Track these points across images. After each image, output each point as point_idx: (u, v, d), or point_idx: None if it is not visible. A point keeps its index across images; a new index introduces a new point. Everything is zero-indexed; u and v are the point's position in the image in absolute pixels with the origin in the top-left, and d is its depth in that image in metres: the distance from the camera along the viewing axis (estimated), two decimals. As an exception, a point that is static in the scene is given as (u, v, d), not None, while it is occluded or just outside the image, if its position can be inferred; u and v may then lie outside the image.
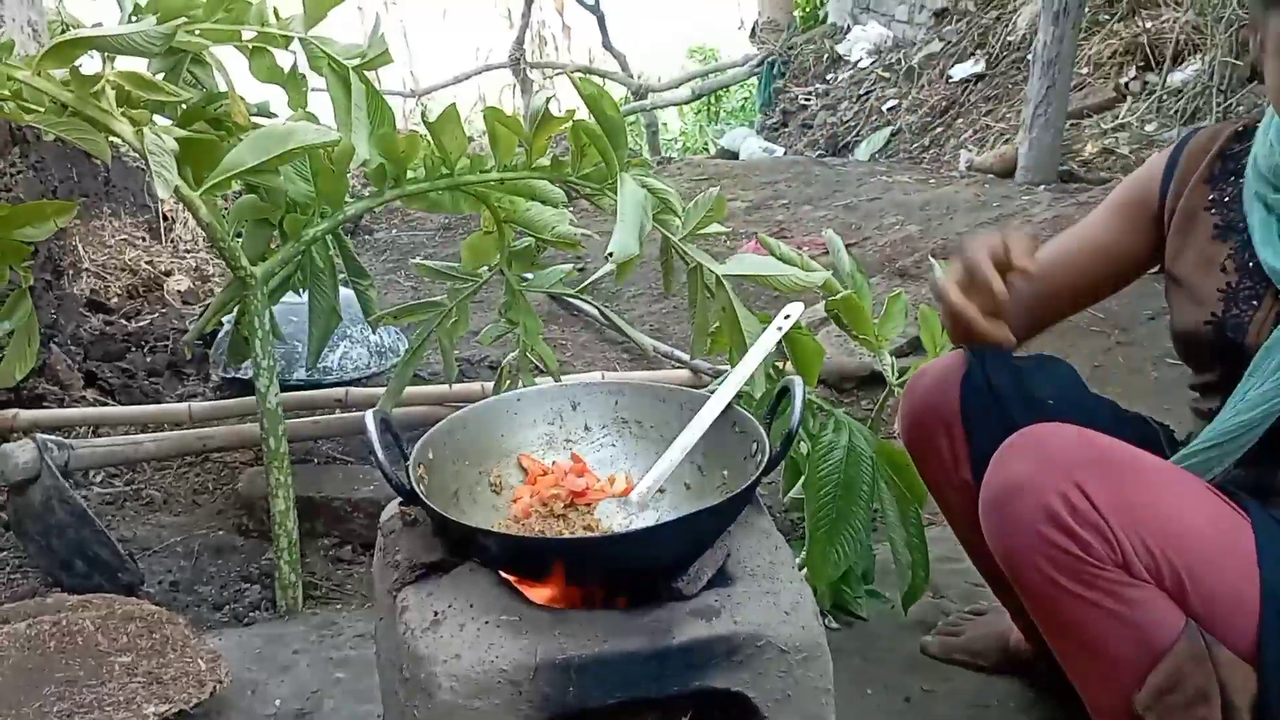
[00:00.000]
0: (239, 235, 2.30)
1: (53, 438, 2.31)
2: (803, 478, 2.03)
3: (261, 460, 2.28)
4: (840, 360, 3.31)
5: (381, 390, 2.71)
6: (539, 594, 1.34)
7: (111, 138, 1.93)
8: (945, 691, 1.83)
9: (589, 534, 1.34)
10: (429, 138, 2.13)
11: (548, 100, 2.08)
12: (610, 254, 1.77)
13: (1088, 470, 1.26)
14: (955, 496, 1.65)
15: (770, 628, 1.30)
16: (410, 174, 2.19)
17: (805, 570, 1.87)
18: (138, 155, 4.25)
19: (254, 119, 2.20)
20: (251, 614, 2.25)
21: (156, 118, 2.05)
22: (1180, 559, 1.25)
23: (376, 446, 1.33)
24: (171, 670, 1.72)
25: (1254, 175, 1.41)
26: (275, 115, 2.33)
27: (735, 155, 7.43)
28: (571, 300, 3.92)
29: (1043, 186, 4.66)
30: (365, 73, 2.04)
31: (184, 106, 2.13)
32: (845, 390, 3.32)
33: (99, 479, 2.76)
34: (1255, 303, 1.39)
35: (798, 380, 1.40)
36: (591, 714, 1.34)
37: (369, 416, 1.36)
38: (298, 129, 2.00)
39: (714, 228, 2.16)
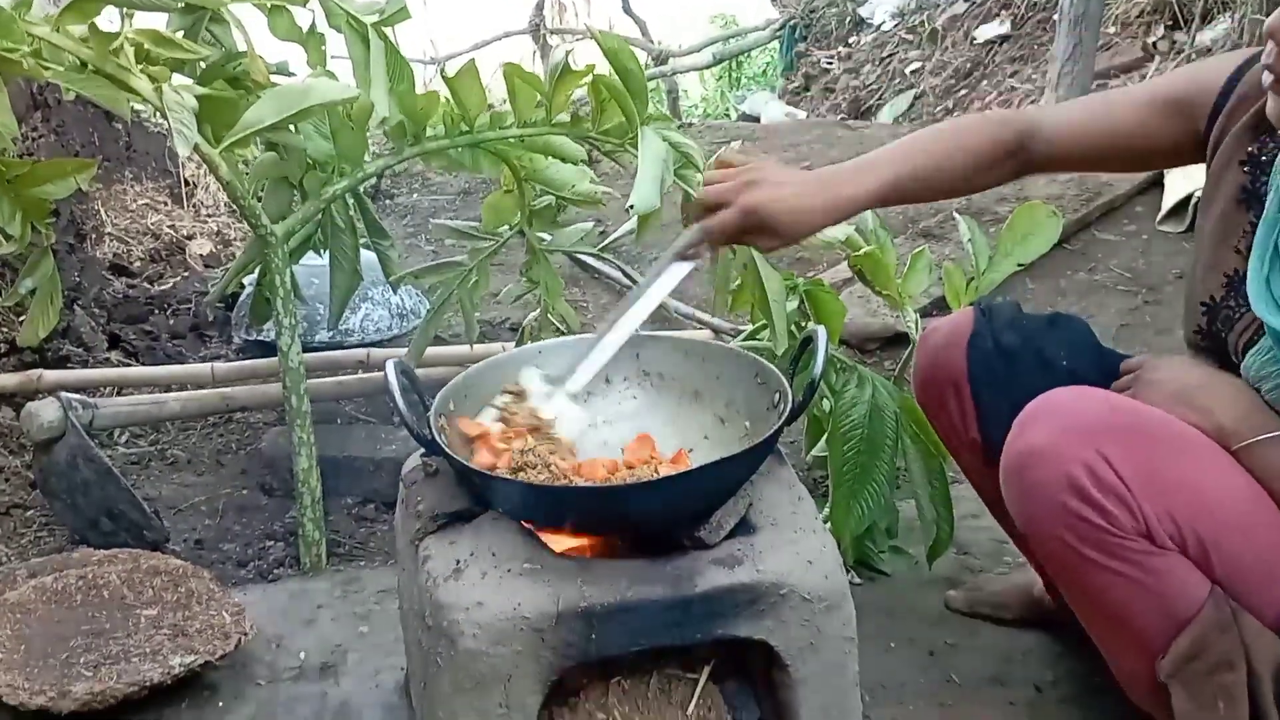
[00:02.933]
0: (259, 194, 2.30)
1: (77, 396, 2.32)
2: (825, 435, 2.02)
3: (284, 420, 2.28)
4: (864, 321, 3.29)
5: (403, 351, 2.71)
6: (561, 543, 1.34)
7: (132, 99, 1.93)
8: (969, 645, 1.82)
9: (611, 482, 1.33)
10: (448, 96, 2.12)
11: (568, 54, 2.06)
12: (631, 206, 1.76)
13: (1111, 437, 1.24)
14: (966, 454, 1.64)
15: (793, 576, 1.30)
16: (430, 132, 2.18)
17: (829, 525, 1.87)
18: (158, 120, 4.25)
19: (273, 78, 2.19)
20: (276, 571, 2.26)
21: (175, 76, 2.04)
22: (1206, 528, 1.23)
23: (398, 396, 1.32)
24: (197, 623, 1.74)
25: None
26: (294, 75, 2.32)
27: (757, 120, 7.36)
28: (593, 263, 3.91)
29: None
30: (384, 30, 2.03)
31: (203, 65, 2.12)
32: (869, 351, 3.30)
33: (124, 439, 2.77)
34: (1248, 306, 1.30)
35: (821, 330, 1.39)
36: (614, 663, 1.36)
37: (390, 366, 1.36)
38: (316, 85, 1.99)
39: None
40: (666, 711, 1.33)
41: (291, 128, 2.12)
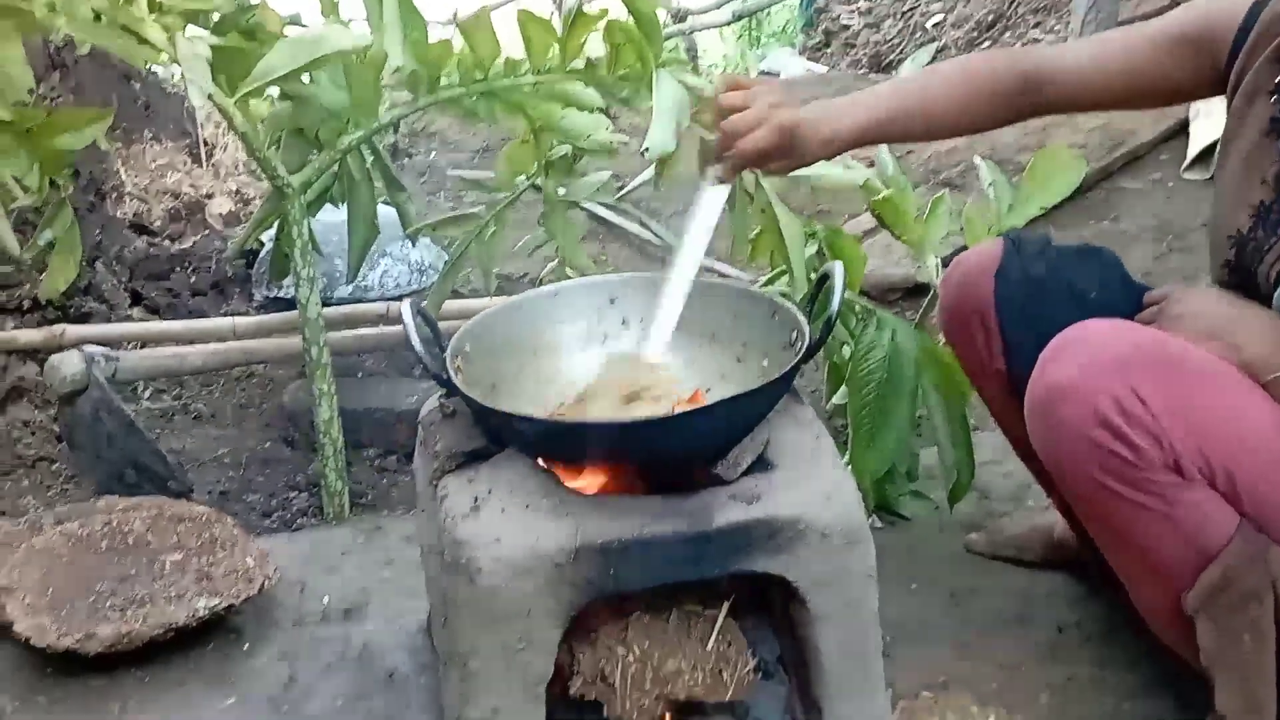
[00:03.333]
0: (276, 146, 2.29)
1: (99, 349, 2.34)
2: (845, 380, 2.01)
3: (305, 374, 2.29)
4: (884, 271, 3.27)
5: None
6: (578, 482, 1.34)
7: (146, 52, 1.92)
8: (990, 587, 1.82)
9: (626, 418, 1.33)
10: (463, 45, 2.10)
11: (581, 2, 2.04)
12: (646, 149, 1.75)
13: (1140, 370, 1.22)
14: (990, 387, 1.63)
15: (811, 512, 1.29)
16: (444, 81, 2.17)
17: (849, 468, 1.86)
18: (176, 81, 4.24)
19: (286, 29, 2.18)
20: (299, 521, 2.28)
21: (190, 28, 2.03)
22: (1235, 461, 1.22)
23: (413, 336, 1.33)
24: (221, 567, 1.75)
25: None
26: (307, 26, 2.31)
27: (777, 76, 7.30)
28: (612, 217, 3.90)
29: (1092, 96, 4.54)
30: (397, -22, 2.01)
31: (216, 16, 2.12)
32: (890, 301, 3.27)
33: (147, 394, 2.80)
34: (1278, 235, 1.29)
35: (838, 265, 1.37)
36: (633, 599, 1.36)
37: (406, 306, 1.35)
38: (330, 34, 1.99)
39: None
40: (686, 647, 1.33)
41: (305, 78, 2.12)
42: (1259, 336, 1.29)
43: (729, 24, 10.17)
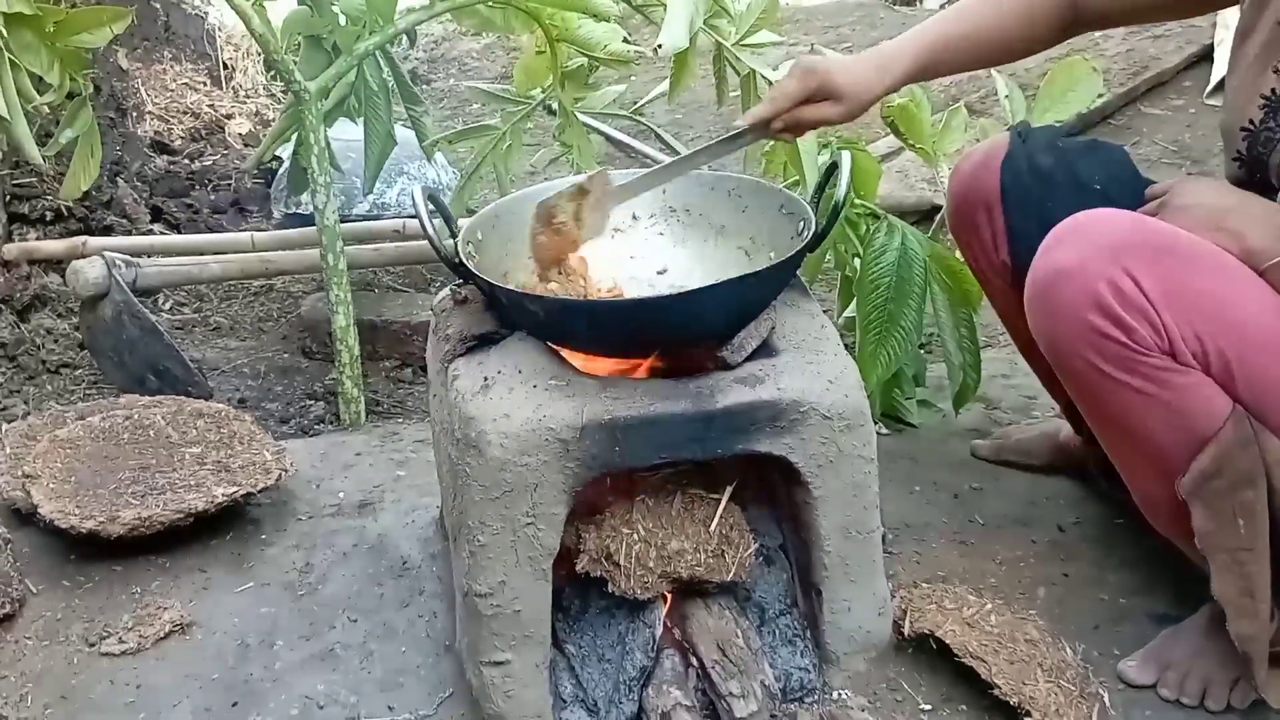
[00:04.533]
0: (295, 52, 2.31)
1: (121, 255, 2.37)
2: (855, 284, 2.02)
3: (323, 288, 2.32)
4: (899, 195, 3.26)
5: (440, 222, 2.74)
6: (587, 364, 1.36)
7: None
8: (994, 490, 1.84)
9: (634, 297, 1.35)
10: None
11: (598, -95, 2.03)
12: (660, 46, 1.75)
13: (1138, 255, 1.23)
14: (995, 279, 1.64)
15: (813, 395, 1.32)
16: (461, -13, 2.17)
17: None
18: (196, 2, 4.24)
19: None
20: (316, 427, 2.32)
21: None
22: (1230, 346, 1.23)
23: (425, 219, 1.34)
24: (239, 460, 1.79)
25: None
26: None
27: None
28: (629, 142, 3.89)
29: (1118, 21, 4.48)
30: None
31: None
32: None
33: (167, 306, 2.84)
34: None
35: (845, 155, 1.38)
36: (639, 483, 1.39)
37: (417, 191, 1.37)
38: (347, -65, 1.99)
39: (766, 35, 2.12)
40: (689, 528, 1.36)
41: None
42: (1259, 225, 1.29)
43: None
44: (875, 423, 2.03)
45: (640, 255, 1.58)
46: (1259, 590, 1.27)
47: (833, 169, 1.42)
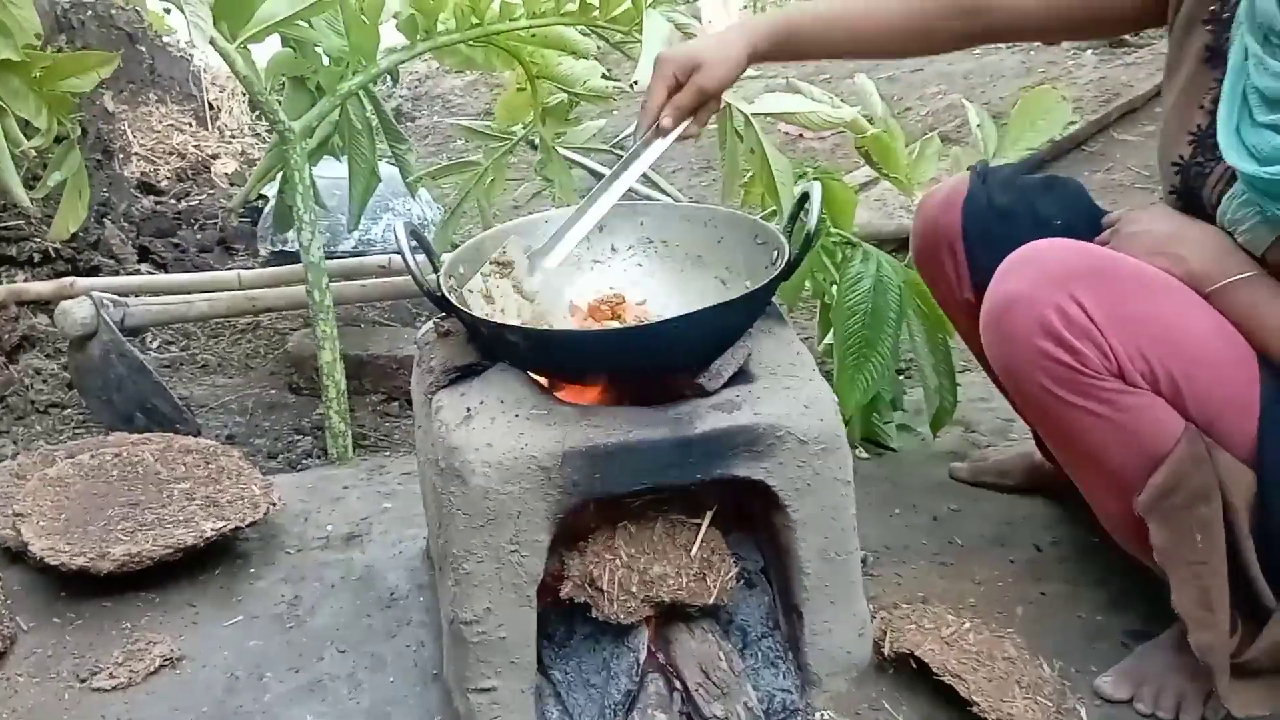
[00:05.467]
0: (277, 94, 2.34)
1: (109, 295, 2.39)
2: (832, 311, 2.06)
3: (309, 323, 2.35)
4: (878, 223, 3.30)
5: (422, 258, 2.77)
6: (568, 393, 1.39)
7: (150, 9, 1.98)
8: (972, 511, 1.87)
9: (612, 326, 1.38)
10: (459, -12, 2.15)
11: (573, -55, 2.08)
12: (635, 82, 1.79)
13: (1084, 281, 1.28)
14: (961, 316, 1.68)
15: (789, 419, 1.35)
16: (441, 27, 2.22)
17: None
18: (182, 45, 4.28)
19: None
20: (304, 462, 2.34)
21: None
22: (1178, 365, 1.27)
23: (407, 254, 1.38)
24: (227, 495, 1.81)
25: (1246, 9, 1.28)
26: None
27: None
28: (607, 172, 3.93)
29: (1089, 50, 4.55)
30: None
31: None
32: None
33: (155, 344, 2.86)
34: (1219, 153, 1.30)
35: (816, 185, 1.42)
36: (620, 509, 1.42)
37: (399, 226, 1.40)
38: (329, -22, 2.03)
39: (743, 70, 2.16)
40: (671, 553, 1.39)
41: (306, 23, 2.16)
42: (1200, 249, 1.34)
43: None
44: (855, 447, 2.07)
45: (619, 286, 1.61)
46: (1217, 602, 1.30)
47: (805, 199, 1.46)
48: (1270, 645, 1.31)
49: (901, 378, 2.36)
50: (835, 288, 2.17)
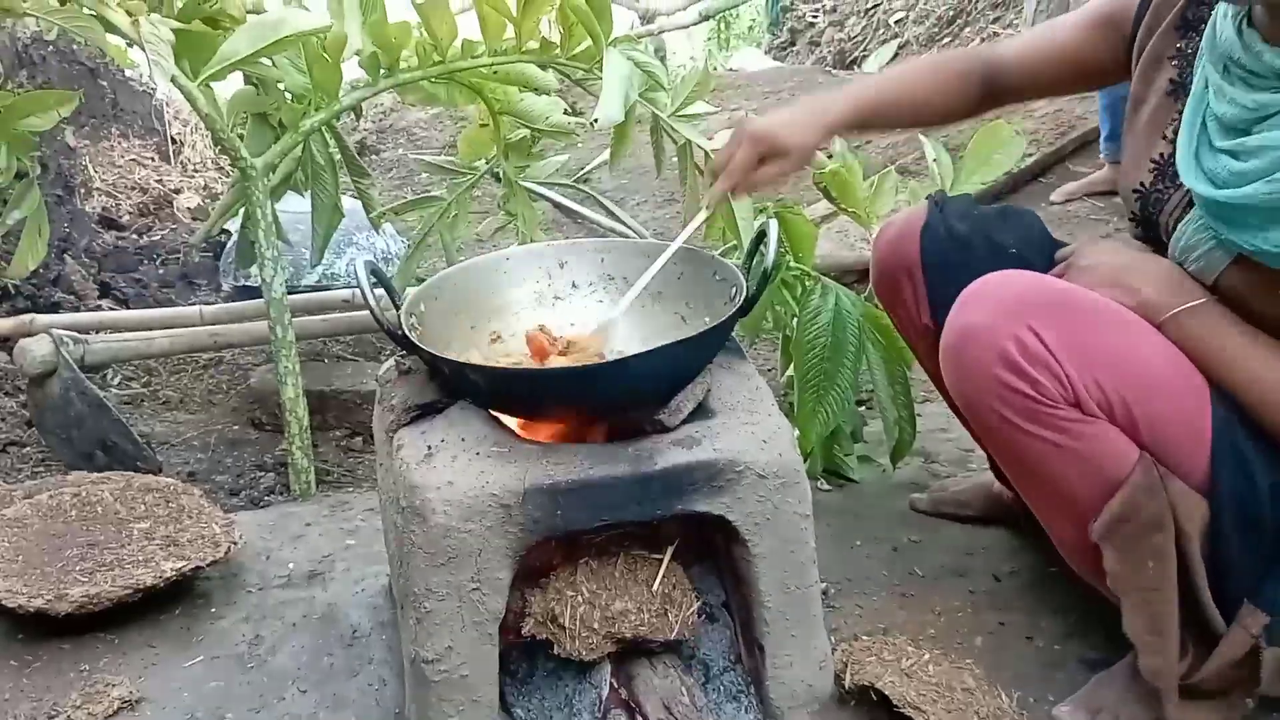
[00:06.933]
0: (240, 131, 2.34)
1: (68, 333, 2.38)
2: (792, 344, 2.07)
3: (272, 359, 2.34)
4: (839, 254, 3.34)
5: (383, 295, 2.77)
6: (529, 431, 1.40)
7: (113, 45, 1.97)
8: (932, 542, 1.89)
9: (571, 364, 1.40)
10: (421, 28, 2.16)
11: (536, -16, 2.10)
12: (595, 120, 1.81)
13: (1040, 312, 1.30)
14: (919, 342, 1.71)
15: (748, 455, 1.36)
16: (403, 64, 2.23)
17: (797, 434, 1.93)
18: (144, 79, 4.27)
19: (249, 17, 2.24)
20: (266, 498, 2.33)
21: (153, 16, 2.08)
22: (1132, 394, 1.30)
23: (367, 291, 1.38)
24: (188, 534, 1.80)
25: (1208, 41, 1.34)
26: (268, 12, 2.36)
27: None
28: (574, 207, 3.96)
29: (1047, 85, 4.64)
30: (355, -37, 2.07)
31: (179, 3, 2.17)
32: (844, 284, 3.34)
33: (116, 381, 2.84)
34: (1178, 180, 1.36)
35: (773, 222, 1.44)
36: (582, 546, 1.42)
37: (360, 264, 1.41)
38: (289, 16, 2.04)
39: (701, 106, 2.19)
40: (632, 589, 1.39)
41: (268, 61, 2.17)
42: (1153, 280, 1.37)
43: (696, 24, 10.30)
44: (816, 479, 2.09)
45: (580, 322, 1.62)
46: (1166, 628, 1.33)
47: (763, 235, 1.48)
48: (1218, 668, 1.34)
49: (862, 409, 2.38)
50: (796, 321, 2.19)
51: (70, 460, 2.38)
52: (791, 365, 2.35)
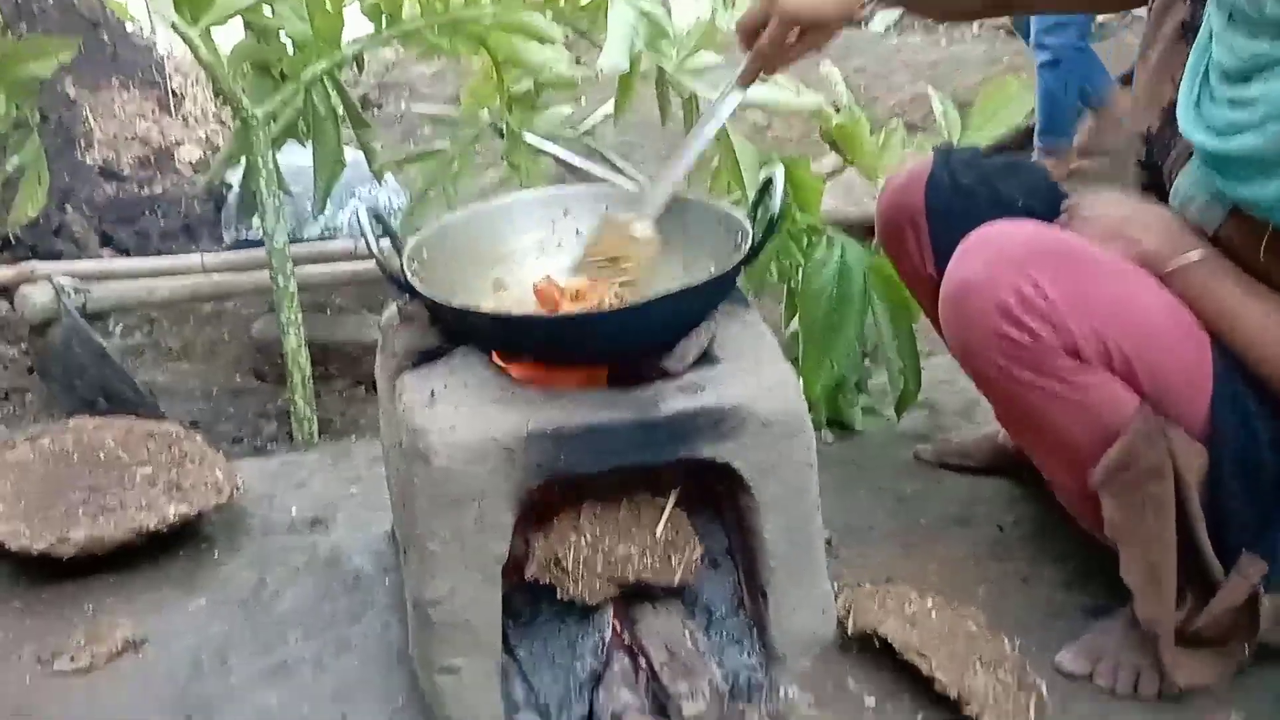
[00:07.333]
0: (243, 79, 2.33)
1: (69, 281, 2.37)
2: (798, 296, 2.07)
3: (273, 309, 2.34)
4: (844, 210, 3.32)
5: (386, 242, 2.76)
6: (532, 376, 1.40)
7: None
8: (935, 492, 1.89)
9: (576, 310, 1.39)
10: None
11: (540, -70, 2.08)
12: (601, 69, 1.80)
13: (1039, 262, 1.29)
14: (924, 294, 1.70)
15: (753, 401, 1.35)
16: (406, 14, 2.21)
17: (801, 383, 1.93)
18: (145, 34, 4.23)
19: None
20: (269, 447, 2.34)
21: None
22: (1131, 344, 1.29)
23: (370, 237, 1.38)
24: (190, 479, 1.80)
25: None
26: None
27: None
28: (578, 162, 3.93)
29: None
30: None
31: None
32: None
33: (118, 329, 2.84)
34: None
35: (779, 169, 1.43)
36: (585, 490, 1.42)
37: (362, 209, 1.40)
38: (292, -38, 2.02)
39: (707, 58, 2.17)
40: (636, 533, 1.39)
41: (268, 10, 2.15)
42: (1154, 231, 1.36)
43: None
44: (821, 429, 2.09)
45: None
46: (1164, 577, 1.33)
47: (769, 183, 1.47)
48: (1216, 616, 1.34)
49: (866, 361, 2.37)
50: (801, 273, 2.18)
51: (72, 407, 2.38)
52: (796, 317, 2.35)
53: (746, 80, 1.48)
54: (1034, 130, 3.62)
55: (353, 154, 2.67)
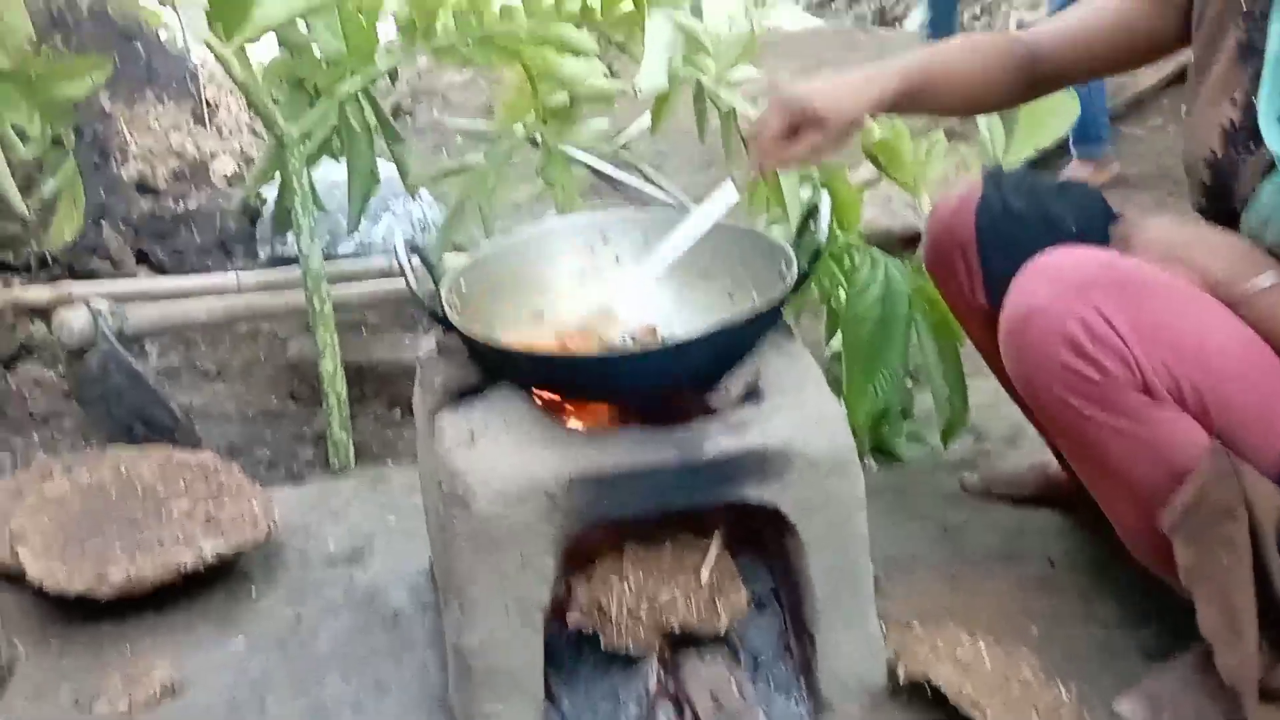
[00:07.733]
0: (275, 98, 2.31)
1: (106, 304, 2.36)
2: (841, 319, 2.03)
3: (309, 330, 2.31)
4: (883, 222, 3.27)
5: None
6: (573, 414, 1.36)
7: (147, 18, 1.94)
8: (982, 523, 1.84)
9: (619, 349, 1.36)
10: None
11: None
12: (639, 88, 1.76)
13: (1106, 292, 1.24)
14: (973, 322, 1.65)
15: (799, 440, 1.31)
16: (440, 29, 2.18)
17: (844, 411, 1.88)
18: (179, 45, 4.23)
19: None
20: (306, 473, 2.31)
21: (187, -21, 2.05)
22: (1203, 379, 1.23)
23: (407, 270, 1.35)
24: (227, 513, 1.78)
25: None
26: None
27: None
28: (613, 173, 3.89)
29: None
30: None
31: (213, -33, 2.12)
32: (890, 252, 3.28)
33: (155, 351, 2.82)
34: (1252, 146, 1.29)
35: (824, 195, 1.40)
36: (629, 532, 1.39)
37: (399, 241, 1.37)
38: (325, -21, 2.00)
39: (747, 71, 2.13)
40: (680, 577, 1.36)
41: (302, 26, 2.13)
42: (1220, 256, 1.31)
43: (734, -19, 10.16)
44: (864, 458, 2.04)
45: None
46: (1244, 623, 1.27)
47: (814, 211, 1.43)
48: (1295, 669, 1.28)
49: (910, 385, 2.32)
50: (842, 291, 2.14)
51: (110, 432, 2.37)
52: (837, 337, 2.30)
53: (756, 173, 1.47)
54: (1068, 139, 3.55)
55: (387, 167, 2.65)
